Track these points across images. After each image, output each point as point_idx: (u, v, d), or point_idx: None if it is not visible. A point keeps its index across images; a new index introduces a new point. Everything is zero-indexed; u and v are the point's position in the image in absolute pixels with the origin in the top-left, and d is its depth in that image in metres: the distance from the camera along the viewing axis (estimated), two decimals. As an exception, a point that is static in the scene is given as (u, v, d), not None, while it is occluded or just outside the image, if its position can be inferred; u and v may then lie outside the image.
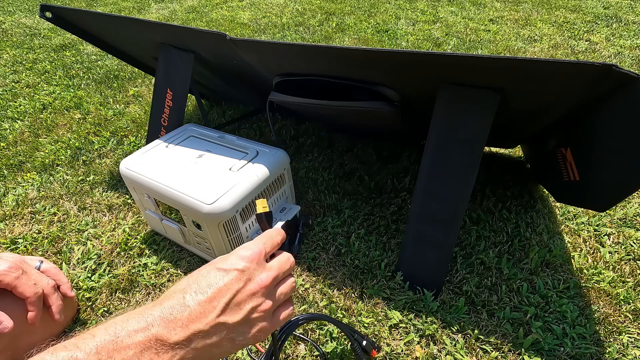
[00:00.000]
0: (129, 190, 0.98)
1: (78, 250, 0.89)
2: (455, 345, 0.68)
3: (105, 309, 0.76)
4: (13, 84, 1.71)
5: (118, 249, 0.89)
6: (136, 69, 1.77)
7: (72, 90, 1.63)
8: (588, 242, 0.87)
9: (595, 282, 0.78)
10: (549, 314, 0.72)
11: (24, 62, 1.91)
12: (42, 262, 0.67)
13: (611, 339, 0.68)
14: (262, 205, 0.49)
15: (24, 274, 0.60)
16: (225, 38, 0.76)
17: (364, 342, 0.63)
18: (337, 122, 1.13)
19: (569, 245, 0.87)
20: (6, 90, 1.65)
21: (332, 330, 0.69)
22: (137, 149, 0.96)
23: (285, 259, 0.41)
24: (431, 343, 0.68)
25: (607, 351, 0.66)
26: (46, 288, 0.62)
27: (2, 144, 1.30)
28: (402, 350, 0.67)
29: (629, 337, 0.69)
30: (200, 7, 2.71)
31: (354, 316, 0.72)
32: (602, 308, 0.73)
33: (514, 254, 0.84)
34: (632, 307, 0.73)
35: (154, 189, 0.76)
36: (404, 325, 0.71)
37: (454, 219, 0.72)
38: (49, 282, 0.63)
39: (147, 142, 1.07)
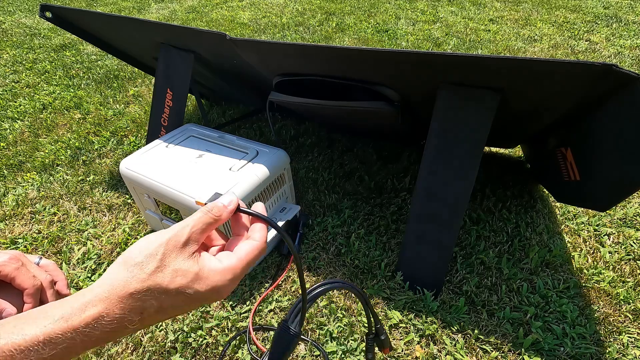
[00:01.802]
0: (129, 190, 0.98)
1: (78, 250, 0.89)
2: (455, 345, 0.68)
3: (105, 309, 0.76)
4: (13, 84, 1.71)
5: (118, 249, 0.89)
6: (136, 69, 1.77)
7: (72, 90, 1.63)
8: (588, 242, 0.87)
9: (595, 282, 0.78)
10: (549, 313, 0.72)
11: (24, 62, 1.91)
12: (41, 258, 0.67)
13: (611, 339, 0.68)
14: None
15: (23, 266, 0.60)
16: (225, 38, 0.76)
17: (382, 337, 0.62)
18: (337, 122, 1.13)
19: (569, 245, 0.87)
20: (6, 90, 1.65)
21: (332, 330, 0.69)
22: (137, 149, 0.95)
23: None
24: (431, 343, 0.68)
25: (607, 351, 0.66)
26: (44, 282, 0.62)
27: (2, 144, 1.30)
28: (402, 350, 0.67)
29: (629, 337, 0.69)
30: (200, 7, 2.71)
31: (354, 316, 0.72)
32: (602, 308, 0.73)
33: (514, 254, 0.84)
34: (632, 307, 0.73)
35: (154, 188, 0.76)
36: (404, 325, 0.71)
37: (454, 219, 0.72)
38: (47, 276, 0.63)
39: (147, 142, 1.07)
